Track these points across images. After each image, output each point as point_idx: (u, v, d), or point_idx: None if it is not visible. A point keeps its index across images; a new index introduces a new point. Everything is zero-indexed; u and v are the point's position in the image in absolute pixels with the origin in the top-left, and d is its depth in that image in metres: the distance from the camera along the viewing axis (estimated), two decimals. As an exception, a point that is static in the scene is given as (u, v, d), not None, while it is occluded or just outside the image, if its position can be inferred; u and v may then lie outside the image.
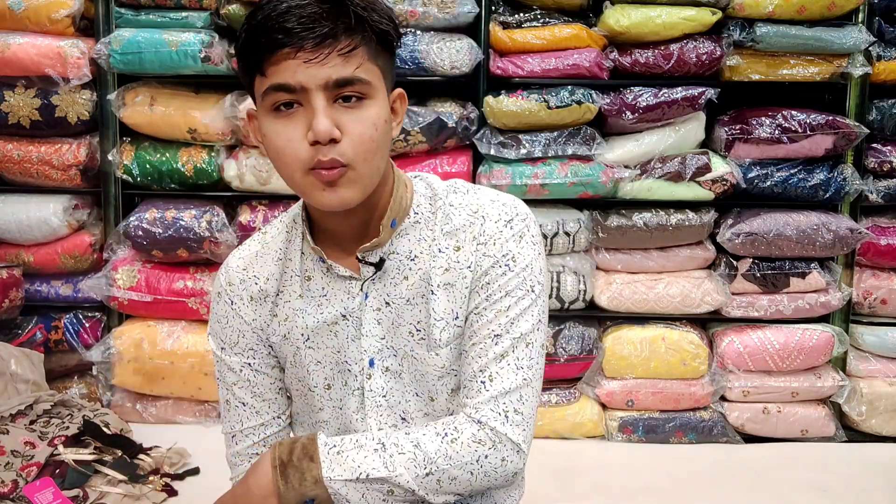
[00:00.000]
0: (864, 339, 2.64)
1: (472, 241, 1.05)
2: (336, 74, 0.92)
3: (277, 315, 1.11)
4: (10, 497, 1.91)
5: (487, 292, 1.03)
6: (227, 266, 1.13)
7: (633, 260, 2.57)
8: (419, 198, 1.08)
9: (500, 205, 1.06)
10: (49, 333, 2.62)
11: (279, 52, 0.91)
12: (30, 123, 2.53)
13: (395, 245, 1.06)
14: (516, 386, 1.00)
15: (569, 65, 2.48)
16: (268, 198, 2.60)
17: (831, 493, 2.22)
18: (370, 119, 0.95)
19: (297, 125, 0.94)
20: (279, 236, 1.12)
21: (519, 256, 1.04)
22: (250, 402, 1.13)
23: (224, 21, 2.51)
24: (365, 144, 0.95)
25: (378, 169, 0.98)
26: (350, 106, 0.94)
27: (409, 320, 1.06)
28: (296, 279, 1.09)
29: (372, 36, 0.94)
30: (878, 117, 2.57)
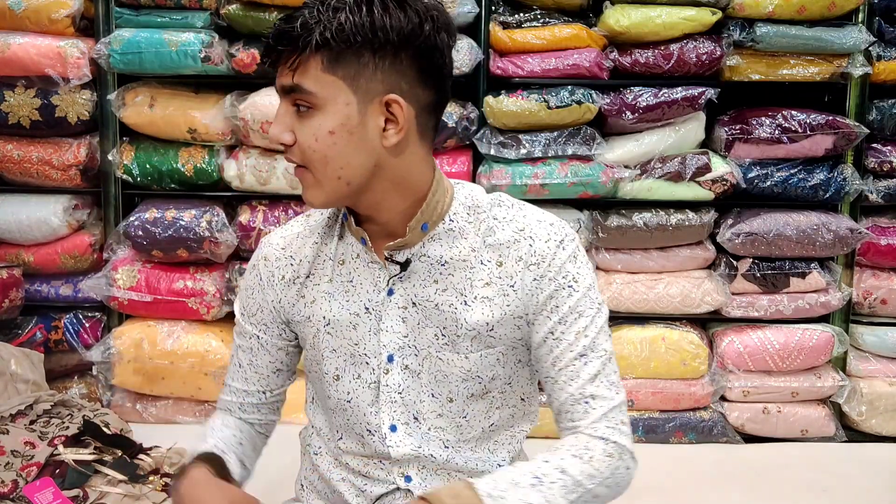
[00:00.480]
0: (864, 339, 2.64)
1: (518, 261, 1.06)
2: (281, 82, 1.02)
3: (305, 297, 1.13)
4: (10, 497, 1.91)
5: (559, 316, 1.05)
6: (269, 241, 1.17)
7: (633, 260, 2.57)
8: (457, 206, 1.09)
9: (547, 225, 1.07)
10: (49, 333, 2.62)
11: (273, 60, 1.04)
12: (30, 123, 2.53)
13: (426, 248, 1.07)
14: (617, 401, 1.05)
15: (569, 65, 2.48)
16: (268, 198, 2.60)
17: (831, 493, 2.22)
18: (312, 128, 1.00)
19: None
20: (322, 220, 1.15)
21: (579, 276, 1.06)
22: (246, 367, 1.20)
23: (224, 21, 2.50)
24: (306, 153, 1.01)
25: (339, 177, 1.00)
26: (301, 114, 1.02)
27: (436, 323, 1.08)
28: (328, 263, 1.12)
29: (322, 45, 0.97)
30: (878, 117, 2.57)
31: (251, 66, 2.49)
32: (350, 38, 0.96)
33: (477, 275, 1.07)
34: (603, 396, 1.04)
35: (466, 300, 1.07)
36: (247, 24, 2.47)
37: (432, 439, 1.11)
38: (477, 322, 1.06)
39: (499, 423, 1.14)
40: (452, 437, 1.11)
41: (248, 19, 2.46)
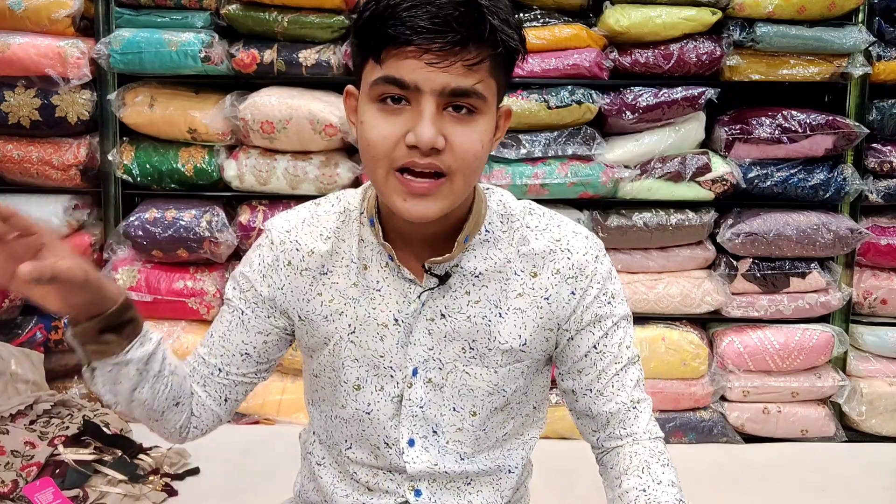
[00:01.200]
0: (864, 339, 2.64)
1: (555, 273, 1.04)
2: (455, 83, 0.87)
3: (322, 295, 1.06)
4: (10, 497, 1.91)
5: (603, 331, 1.05)
6: (273, 225, 1.09)
7: (633, 260, 2.57)
8: (492, 215, 1.05)
9: (583, 238, 1.06)
10: (49, 333, 2.62)
11: (403, 47, 0.86)
12: (30, 123, 2.53)
13: (461, 259, 1.03)
14: (650, 401, 1.09)
15: (569, 65, 2.48)
16: (268, 198, 2.60)
17: (831, 493, 2.22)
18: (478, 134, 0.91)
19: (399, 123, 0.89)
20: (333, 215, 1.07)
21: (615, 291, 1.06)
22: (216, 338, 1.10)
23: (224, 21, 2.51)
24: (468, 160, 0.91)
25: (470, 186, 0.95)
26: (460, 117, 0.90)
27: (465, 336, 1.04)
28: (352, 266, 1.05)
29: (501, 51, 0.89)
30: (878, 117, 2.57)
31: (251, 66, 2.49)
32: (514, 45, 0.91)
33: (510, 286, 1.04)
34: (644, 399, 1.07)
35: (501, 312, 1.04)
36: (247, 24, 2.48)
37: (449, 452, 1.09)
38: (509, 334, 1.04)
39: (511, 432, 1.13)
40: (469, 450, 1.09)
41: (248, 19, 2.46)
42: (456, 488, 1.11)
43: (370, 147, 0.91)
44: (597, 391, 1.06)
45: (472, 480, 1.11)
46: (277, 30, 2.46)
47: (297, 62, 2.48)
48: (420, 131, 0.87)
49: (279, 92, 2.48)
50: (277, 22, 2.45)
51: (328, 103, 2.45)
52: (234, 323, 1.09)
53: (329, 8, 2.43)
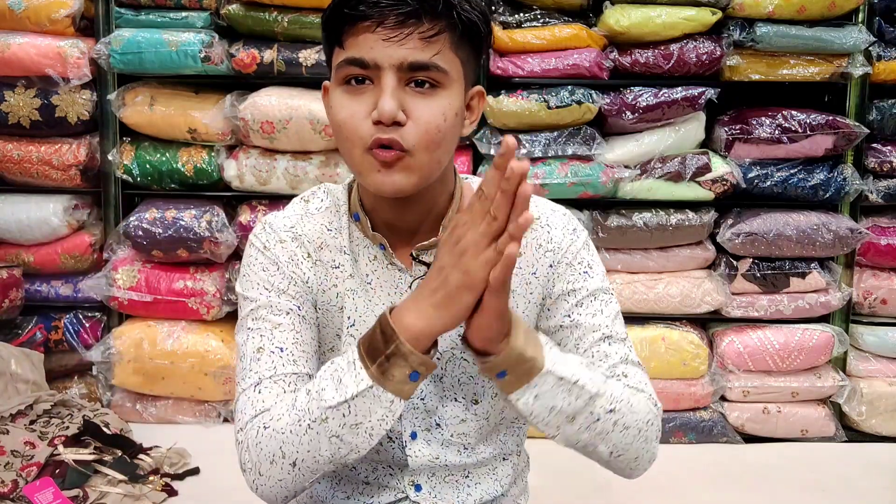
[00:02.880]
0: (864, 339, 2.64)
1: (536, 248, 1.05)
2: (412, 57, 0.90)
3: (337, 286, 1.05)
4: (10, 497, 1.91)
5: (576, 299, 1.04)
6: (270, 225, 1.06)
7: (633, 260, 2.57)
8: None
9: (560, 214, 1.08)
10: (49, 333, 2.62)
11: (359, 25, 0.90)
12: (30, 123, 2.53)
13: None
14: (646, 381, 1.06)
15: (569, 65, 2.48)
16: (268, 198, 2.60)
17: (831, 493, 2.22)
18: (440, 108, 0.92)
19: (364, 102, 0.92)
20: (325, 211, 1.07)
21: (593, 263, 1.07)
22: (290, 347, 0.99)
23: (224, 21, 2.51)
24: (430, 133, 0.92)
25: (439, 162, 0.95)
26: (421, 91, 0.92)
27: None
28: (346, 257, 1.05)
29: (458, 24, 0.91)
30: (878, 117, 2.57)
31: (251, 66, 2.49)
32: (478, 23, 0.94)
33: None
34: (635, 375, 1.04)
35: None
36: (247, 24, 2.48)
37: (452, 445, 1.08)
38: None
39: (507, 416, 1.13)
40: (473, 440, 1.09)
41: (248, 19, 2.46)
42: (455, 481, 1.11)
43: (340, 127, 0.93)
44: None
45: (470, 472, 1.11)
46: (277, 30, 2.46)
47: (297, 62, 2.48)
48: (381, 104, 0.89)
49: (279, 92, 2.48)
50: (277, 22, 2.45)
51: (328, 103, 2.45)
52: (297, 322, 1.02)
53: (329, 8, 2.43)
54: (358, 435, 0.90)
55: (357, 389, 0.88)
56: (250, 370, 0.99)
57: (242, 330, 1.03)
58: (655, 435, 1.05)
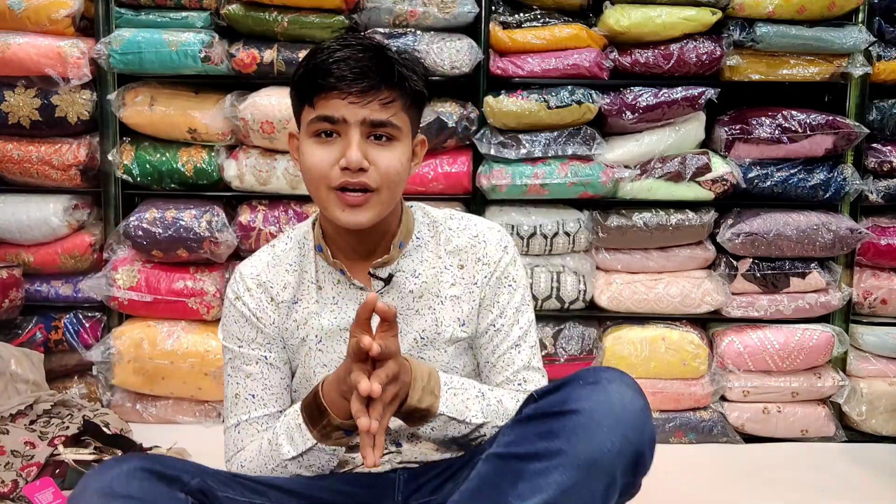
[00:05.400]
0: (864, 339, 2.64)
1: (476, 262, 1.28)
2: (373, 116, 1.13)
3: (297, 320, 1.26)
4: (10, 497, 1.91)
5: (500, 310, 1.27)
6: (241, 275, 1.28)
7: (633, 260, 2.57)
8: (419, 225, 1.30)
9: (495, 232, 1.30)
10: (49, 333, 2.62)
11: (330, 92, 1.12)
12: (30, 123, 2.53)
13: (400, 264, 1.27)
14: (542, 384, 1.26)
15: (569, 65, 2.47)
16: (268, 198, 2.60)
17: (831, 493, 2.22)
18: (396, 156, 1.16)
19: (332, 151, 1.14)
20: (290, 251, 1.29)
21: (517, 277, 1.29)
22: (260, 394, 1.25)
23: (224, 21, 2.51)
24: (390, 175, 1.15)
25: (394, 198, 1.19)
26: (381, 144, 1.15)
27: (416, 328, 1.26)
28: (312, 287, 1.26)
29: (409, 92, 1.16)
30: (878, 117, 2.57)
31: (251, 66, 2.49)
32: (422, 91, 1.20)
33: (444, 278, 1.27)
34: (533, 380, 1.27)
35: (442, 301, 1.26)
36: (247, 24, 2.48)
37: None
38: (450, 318, 1.26)
39: None
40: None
41: (248, 19, 2.46)
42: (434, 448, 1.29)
43: (310, 171, 1.16)
44: (490, 364, 1.28)
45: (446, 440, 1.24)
46: (277, 30, 2.46)
47: (296, 62, 2.46)
48: (349, 155, 1.12)
49: (279, 92, 2.48)
50: (277, 22, 2.45)
51: (328, 103, 2.45)
52: (265, 370, 1.26)
53: (329, 8, 2.43)
54: (313, 470, 1.19)
55: (305, 447, 1.16)
56: (231, 412, 1.27)
57: (225, 374, 1.29)
58: None
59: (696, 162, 2.50)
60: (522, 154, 2.49)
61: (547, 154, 2.50)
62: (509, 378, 1.26)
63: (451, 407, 1.15)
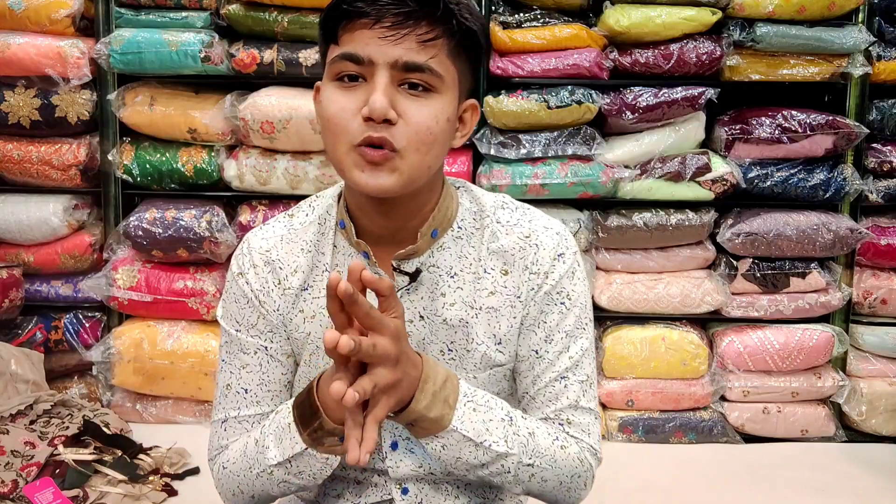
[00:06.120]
0: (864, 339, 2.64)
1: (523, 270, 1.01)
2: (407, 57, 0.88)
3: (304, 311, 1.04)
4: (10, 497, 1.91)
5: (546, 333, 1.02)
6: (249, 246, 1.05)
7: (633, 260, 2.57)
8: (464, 211, 1.04)
9: (553, 234, 1.03)
10: (49, 333, 2.62)
11: (356, 21, 0.89)
12: (30, 123, 2.53)
13: (435, 258, 1.01)
14: (596, 431, 1.03)
15: (569, 65, 2.47)
16: (268, 198, 2.60)
17: (831, 493, 2.22)
18: (432, 111, 0.90)
19: (356, 98, 0.90)
20: (309, 226, 1.05)
21: (573, 294, 1.02)
22: (254, 389, 1.05)
23: (224, 21, 2.51)
24: (420, 134, 0.90)
25: (428, 167, 0.93)
26: (415, 94, 0.90)
27: (443, 339, 1.02)
28: (325, 276, 1.03)
29: (456, 32, 0.90)
30: (878, 117, 2.57)
31: (251, 66, 2.49)
32: (476, 34, 0.93)
33: (483, 284, 1.01)
34: (580, 423, 1.02)
35: (476, 313, 1.01)
36: (247, 24, 2.48)
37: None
38: (484, 334, 1.01)
39: None
40: None
41: (248, 19, 2.46)
42: (444, 489, 1.08)
43: (329, 121, 0.91)
44: (529, 397, 1.03)
45: (459, 484, 1.09)
46: (277, 30, 2.46)
47: (297, 62, 2.48)
48: (372, 100, 0.87)
49: (279, 92, 2.48)
50: (277, 22, 2.45)
51: (328, 103, 2.45)
52: (265, 361, 1.05)
53: (329, 8, 2.43)
54: (303, 480, 0.98)
55: (293, 452, 0.95)
56: (220, 404, 1.07)
57: (219, 357, 1.09)
58: (583, 485, 1.02)
59: (696, 162, 2.50)
60: (522, 154, 2.49)
61: (547, 154, 2.50)
62: (549, 417, 1.02)
63: (468, 424, 0.93)
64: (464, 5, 0.91)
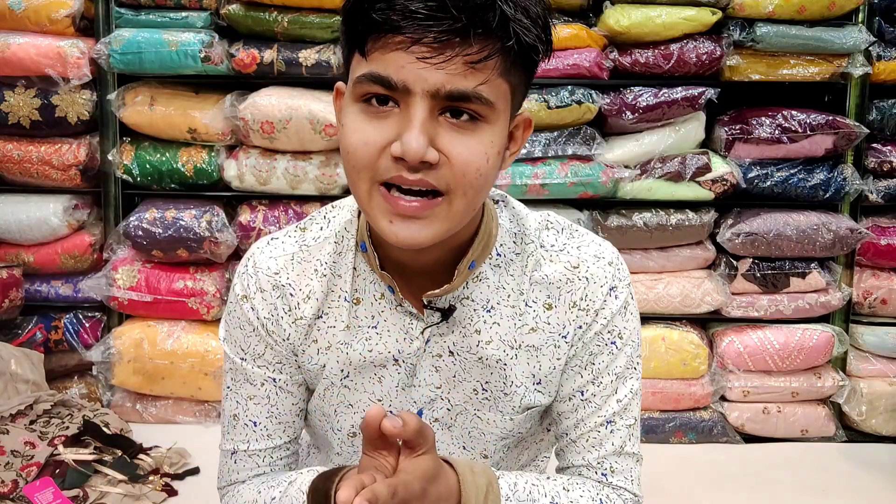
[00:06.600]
0: (864, 339, 2.64)
1: (571, 307, 0.89)
2: (452, 85, 0.71)
3: (318, 341, 0.92)
4: (10, 497, 1.91)
5: (593, 375, 0.91)
6: (256, 266, 0.93)
7: (633, 260, 2.57)
8: (504, 234, 0.90)
9: (605, 264, 0.90)
10: (49, 333, 2.62)
11: (390, 37, 0.71)
12: (30, 123, 2.53)
13: (470, 290, 0.88)
14: (637, 475, 0.95)
15: (569, 65, 2.47)
16: (268, 198, 2.60)
17: (831, 493, 2.22)
18: (482, 146, 0.74)
19: (385, 129, 0.74)
20: (324, 244, 0.91)
21: (625, 332, 0.91)
22: (263, 422, 0.94)
23: (224, 21, 2.51)
24: (469, 177, 0.74)
25: (473, 208, 0.78)
26: (459, 125, 0.73)
27: (477, 377, 0.92)
28: (343, 304, 0.90)
29: (514, 47, 0.72)
30: (878, 117, 2.57)
31: (251, 66, 2.49)
32: (531, 41, 0.73)
33: (525, 320, 0.90)
34: (623, 469, 0.93)
35: (517, 354, 0.91)
36: (247, 24, 2.48)
37: None
38: (523, 374, 0.91)
39: (526, 462, 1.06)
40: None
41: (248, 19, 2.46)
42: None
43: (350, 155, 0.76)
44: (570, 441, 0.94)
45: None
46: (277, 30, 2.46)
47: (297, 62, 2.48)
48: (407, 141, 0.71)
49: (279, 92, 2.48)
50: (277, 22, 2.45)
51: (328, 103, 2.45)
52: (273, 394, 0.94)
53: (329, 8, 2.43)
54: None
55: None
56: (228, 434, 0.98)
57: (223, 383, 0.99)
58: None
59: (696, 162, 2.50)
60: (522, 154, 2.49)
61: (547, 154, 2.50)
62: (591, 464, 0.92)
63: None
64: (521, 9, 0.72)
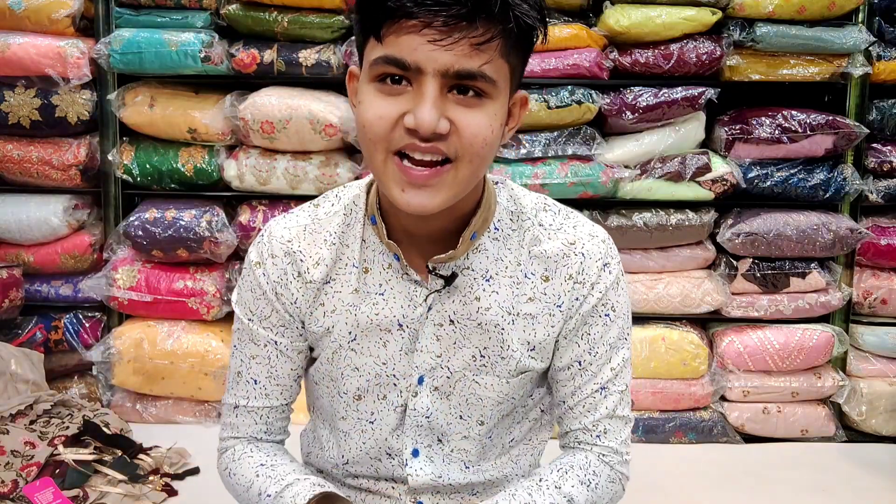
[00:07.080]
0: (864, 339, 2.64)
1: (566, 279, 0.98)
2: (459, 65, 0.80)
3: (324, 304, 1.00)
4: (10, 497, 1.91)
5: (589, 344, 1.00)
6: (271, 235, 1.01)
7: (633, 260, 2.57)
8: (501, 211, 0.99)
9: (598, 242, 1.00)
10: (49, 333, 2.62)
11: (403, 22, 0.80)
12: (30, 123, 2.53)
13: (470, 260, 0.97)
14: (626, 434, 1.04)
15: (569, 65, 2.48)
16: (268, 198, 2.60)
17: (831, 493, 2.22)
18: (486, 119, 0.84)
19: (398, 104, 0.83)
20: (334, 217, 1.00)
21: (617, 305, 1.00)
22: (263, 381, 1.04)
23: (224, 21, 2.51)
24: (476, 146, 0.84)
25: (477, 176, 0.88)
26: (465, 100, 0.83)
27: (476, 344, 0.99)
28: (352, 270, 0.99)
29: (514, 30, 0.81)
30: (878, 117, 2.57)
31: (251, 66, 2.49)
32: (530, 23, 0.83)
33: (522, 290, 0.98)
34: (615, 430, 1.02)
35: (513, 319, 0.98)
36: (247, 24, 2.48)
37: (454, 461, 1.05)
38: (519, 340, 0.99)
39: (518, 437, 1.10)
40: (475, 458, 1.06)
41: (248, 19, 2.46)
42: (460, 499, 1.07)
43: (366, 128, 0.85)
44: (567, 407, 1.03)
45: (477, 491, 1.08)
46: (277, 30, 2.46)
47: (297, 62, 2.48)
48: (420, 114, 0.81)
49: (279, 92, 2.48)
50: (277, 22, 2.45)
51: (328, 103, 2.46)
52: (273, 356, 1.03)
53: (329, 8, 2.43)
54: None
55: None
56: (231, 389, 1.07)
57: (232, 341, 1.08)
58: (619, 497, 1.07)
59: (696, 162, 2.50)
60: (522, 154, 2.49)
61: (547, 154, 2.50)
62: (587, 427, 1.02)
63: None
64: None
